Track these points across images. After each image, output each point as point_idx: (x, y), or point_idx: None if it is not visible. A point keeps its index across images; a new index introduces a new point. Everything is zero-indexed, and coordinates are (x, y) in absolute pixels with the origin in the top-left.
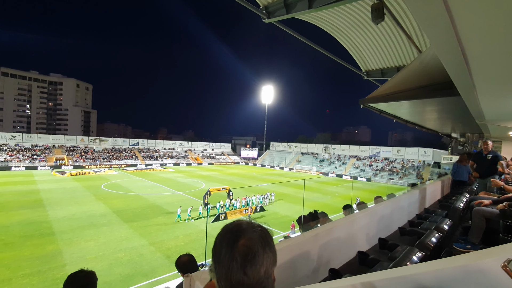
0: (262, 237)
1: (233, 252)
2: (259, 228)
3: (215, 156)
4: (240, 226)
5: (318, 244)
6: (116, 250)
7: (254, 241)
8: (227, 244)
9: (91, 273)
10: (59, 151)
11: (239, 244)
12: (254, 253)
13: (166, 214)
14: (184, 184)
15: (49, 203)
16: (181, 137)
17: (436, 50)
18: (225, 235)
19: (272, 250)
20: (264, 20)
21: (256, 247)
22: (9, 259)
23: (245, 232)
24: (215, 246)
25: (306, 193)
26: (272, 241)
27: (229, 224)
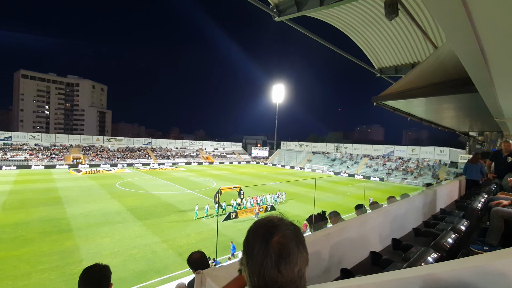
0: (296, 235)
1: (267, 248)
2: (291, 225)
3: (226, 155)
4: (273, 222)
5: (330, 243)
6: (130, 247)
7: (288, 239)
8: (261, 240)
9: (105, 267)
10: (76, 150)
11: (273, 241)
12: (288, 251)
13: (178, 212)
14: (196, 183)
15: (67, 200)
16: (192, 136)
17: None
18: (258, 231)
19: (305, 249)
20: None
21: (291, 245)
22: (29, 254)
23: (279, 229)
24: (247, 241)
25: (317, 193)
26: (304, 239)
27: (261, 220)
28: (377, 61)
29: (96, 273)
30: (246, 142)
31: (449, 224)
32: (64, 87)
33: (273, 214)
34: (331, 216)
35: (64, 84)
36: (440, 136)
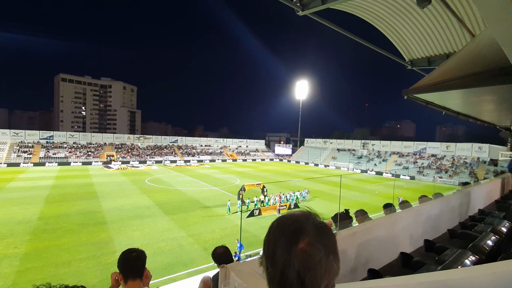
0: (326, 242)
1: (290, 256)
2: (321, 226)
3: (249, 153)
4: (299, 223)
5: (356, 243)
6: (158, 240)
7: (316, 247)
8: (283, 245)
9: (142, 252)
10: (109, 148)
11: (298, 249)
12: (315, 263)
13: (203, 208)
14: (220, 179)
15: (102, 195)
16: (216, 134)
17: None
18: (282, 232)
19: (337, 258)
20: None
21: (319, 256)
22: (69, 244)
23: (306, 233)
24: (268, 242)
25: (343, 191)
26: (336, 245)
27: (286, 218)
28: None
29: (134, 255)
30: (269, 140)
31: (488, 225)
32: (98, 88)
33: (302, 210)
34: (358, 214)
35: (98, 86)
36: (478, 132)
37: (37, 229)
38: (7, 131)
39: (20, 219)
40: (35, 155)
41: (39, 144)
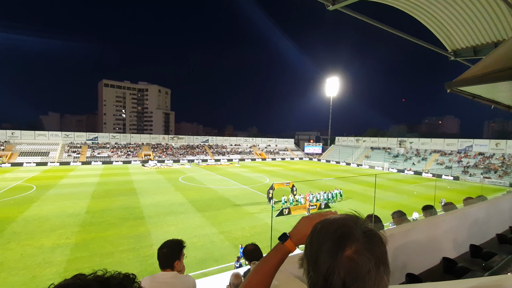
0: (376, 252)
1: (336, 263)
2: (370, 234)
3: (279, 152)
4: (346, 227)
5: (393, 246)
6: (191, 235)
7: (364, 257)
8: (328, 251)
9: (181, 240)
10: (146, 148)
11: (344, 256)
12: (363, 274)
13: (233, 206)
14: (249, 178)
15: (140, 191)
16: (246, 133)
17: None
18: (326, 236)
19: (387, 270)
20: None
21: (368, 266)
22: (112, 236)
23: (353, 239)
24: (310, 245)
25: (378, 192)
26: (387, 255)
27: (331, 222)
28: (450, 43)
29: (173, 243)
30: (299, 138)
31: None
32: (136, 92)
33: (348, 213)
34: (395, 216)
35: (136, 90)
36: None
37: (85, 222)
38: (59, 133)
39: (70, 213)
40: (82, 154)
41: (86, 145)
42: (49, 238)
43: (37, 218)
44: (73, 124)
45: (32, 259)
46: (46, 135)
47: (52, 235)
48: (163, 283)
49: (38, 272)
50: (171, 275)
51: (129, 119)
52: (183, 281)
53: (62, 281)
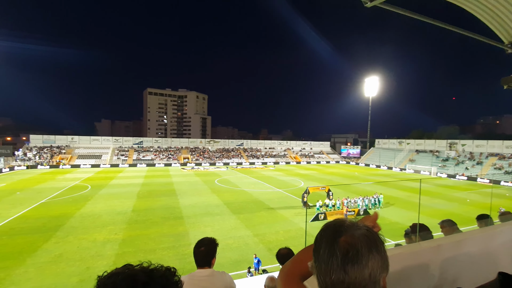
0: (368, 237)
1: (333, 248)
2: (364, 228)
3: (314, 155)
4: (342, 223)
5: (441, 257)
6: (226, 237)
7: (357, 239)
8: (327, 240)
9: (215, 239)
10: (185, 151)
11: (340, 241)
12: (356, 251)
13: (267, 209)
14: (284, 182)
15: (179, 193)
16: (280, 136)
17: None
18: (326, 231)
19: (381, 254)
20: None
21: (360, 245)
22: (154, 234)
23: (348, 230)
24: (315, 241)
25: (424, 199)
26: (381, 245)
27: (331, 221)
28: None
29: (208, 241)
30: (335, 141)
31: None
32: (176, 99)
33: (347, 218)
34: (444, 225)
35: (176, 97)
36: None
37: (131, 219)
38: (110, 138)
39: (119, 211)
40: (129, 157)
41: (133, 148)
42: (101, 233)
43: (91, 214)
44: (122, 129)
45: (86, 251)
46: (99, 140)
47: (104, 230)
48: (201, 280)
49: (91, 263)
50: (208, 272)
51: (170, 124)
52: (221, 279)
53: (113, 269)
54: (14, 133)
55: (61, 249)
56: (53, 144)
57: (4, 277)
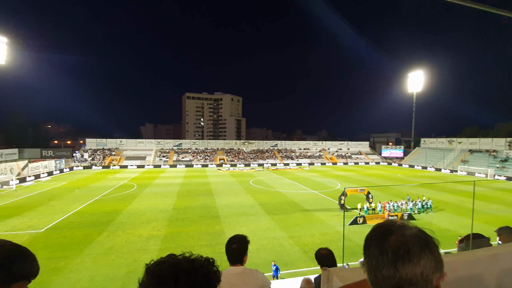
0: (420, 237)
1: (383, 245)
2: (416, 228)
3: (351, 156)
4: (393, 224)
5: (498, 268)
6: (261, 237)
7: (408, 238)
8: (377, 238)
9: (246, 236)
10: (221, 152)
11: (391, 239)
12: (408, 249)
13: (302, 211)
14: (319, 183)
15: (216, 193)
16: (315, 137)
17: None
18: (376, 230)
19: (434, 254)
20: None
21: (411, 244)
22: (193, 232)
23: (398, 229)
24: (366, 240)
25: (479, 203)
26: (435, 245)
27: (382, 222)
28: None
29: (239, 238)
30: (375, 141)
31: None
32: (212, 102)
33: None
34: (502, 232)
35: (212, 100)
36: None
37: (172, 217)
38: (153, 140)
39: (161, 208)
40: (170, 158)
41: (173, 150)
42: (145, 229)
43: (137, 211)
44: (164, 132)
45: (133, 245)
46: (144, 143)
47: (148, 226)
48: (233, 278)
49: (137, 257)
50: (240, 270)
51: (206, 127)
52: (253, 276)
53: (159, 258)
54: (73, 137)
55: (111, 242)
56: (105, 147)
57: (64, 265)
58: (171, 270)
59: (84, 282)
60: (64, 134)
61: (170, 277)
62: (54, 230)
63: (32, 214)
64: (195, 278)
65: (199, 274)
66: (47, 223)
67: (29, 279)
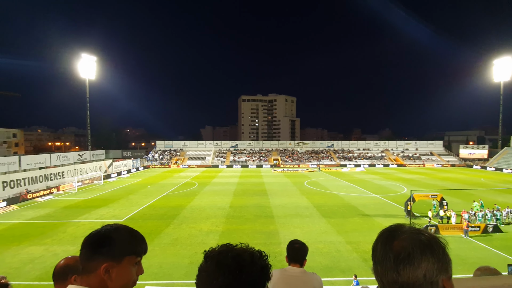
0: (422, 241)
1: (387, 250)
2: (425, 233)
3: (420, 157)
4: (400, 228)
5: None
6: (316, 240)
7: (410, 242)
8: (382, 243)
9: (304, 244)
10: (275, 153)
11: (394, 243)
12: (408, 253)
13: (362, 216)
14: (381, 186)
15: (270, 193)
16: (376, 136)
17: None
18: (381, 235)
19: (436, 256)
20: None
21: (411, 248)
22: (248, 230)
23: (403, 233)
24: (373, 246)
25: None
26: (440, 249)
27: (388, 226)
28: None
29: (296, 247)
30: (450, 140)
31: None
32: (267, 103)
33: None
34: None
35: (267, 102)
36: None
37: (229, 215)
38: (211, 142)
39: (219, 206)
40: (227, 159)
41: (229, 151)
42: (205, 224)
43: (198, 207)
44: (221, 134)
45: (194, 238)
46: (204, 144)
47: (207, 222)
48: (293, 276)
49: (198, 249)
50: (300, 270)
51: (261, 128)
52: (312, 278)
53: (217, 247)
54: (146, 140)
55: (177, 234)
56: (171, 148)
57: None
58: (236, 260)
59: (154, 268)
60: (139, 137)
61: (234, 267)
62: (131, 220)
63: (115, 206)
64: (255, 269)
65: (257, 266)
66: (127, 214)
67: (140, 255)
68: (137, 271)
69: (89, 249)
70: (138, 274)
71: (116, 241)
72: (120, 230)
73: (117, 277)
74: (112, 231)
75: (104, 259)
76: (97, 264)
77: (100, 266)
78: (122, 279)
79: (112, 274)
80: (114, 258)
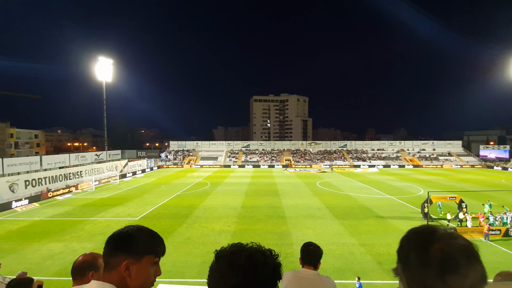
0: (466, 246)
1: (426, 256)
2: (460, 236)
3: (437, 157)
4: (434, 230)
5: None
6: (329, 242)
7: (454, 248)
8: (416, 247)
9: (318, 247)
10: (287, 153)
11: (433, 248)
12: (456, 261)
13: (376, 217)
14: (396, 187)
15: (282, 193)
16: (391, 136)
17: None
18: (414, 237)
19: (481, 265)
20: None
21: (458, 255)
22: (260, 230)
23: (442, 237)
24: (401, 250)
25: None
26: (478, 255)
27: (418, 227)
28: None
29: (310, 249)
30: (470, 140)
31: None
32: (279, 104)
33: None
34: None
35: (279, 102)
36: None
37: (240, 215)
38: (224, 142)
39: (231, 206)
40: (239, 159)
41: (241, 151)
42: (217, 223)
43: (211, 207)
44: (233, 134)
45: (207, 238)
46: (216, 144)
47: (219, 222)
48: (306, 279)
49: (211, 248)
50: (313, 273)
51: (273, 128)
52: (325, 282)
53: (228, 247)
54: (160, 140)
55: (189, 233)
56: (184, 148)
57: None
58: (249, 260)
59: (168, 266)
60: (153, 137)
61: (248, 267)
62: (146, 218)
63: (130, 204)
64: (268, 269)
65: (270, 265)
66: (141, 213)
67: (159, 255)
68: (155, 272)
69: (112, 246)
70: (156, 275)
71: (137, 240)
72: (142, 230)
73: (136, 275)
74: (134, 230)
75: (125, 256)
76: (119, 261)
77: (121, 263)
78: (141, 277)
79: (132, 271)
80: (134, 256)
